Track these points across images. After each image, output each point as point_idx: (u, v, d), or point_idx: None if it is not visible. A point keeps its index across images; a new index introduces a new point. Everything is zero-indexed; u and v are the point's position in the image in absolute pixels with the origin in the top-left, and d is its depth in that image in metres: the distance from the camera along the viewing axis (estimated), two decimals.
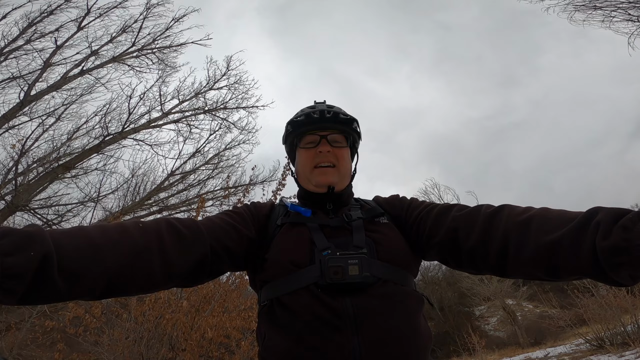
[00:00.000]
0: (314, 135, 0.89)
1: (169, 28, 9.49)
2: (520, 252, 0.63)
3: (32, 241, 0.48)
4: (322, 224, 0.81)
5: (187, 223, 0.71)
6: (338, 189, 0.88)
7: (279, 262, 0.75)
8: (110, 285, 0.56)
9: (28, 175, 7.44)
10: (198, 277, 0.72)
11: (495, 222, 0.68)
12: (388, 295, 0.70)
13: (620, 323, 8.42)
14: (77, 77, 8.52)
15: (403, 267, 0.76)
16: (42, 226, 0.55)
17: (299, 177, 0.94)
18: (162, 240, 0.64)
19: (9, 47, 7.69)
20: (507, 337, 19.23)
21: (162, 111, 9.47)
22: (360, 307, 0.67)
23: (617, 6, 8.03)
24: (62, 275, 0.50)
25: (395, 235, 0.81)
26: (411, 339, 0.68)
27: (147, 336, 3.51)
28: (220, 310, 3.88)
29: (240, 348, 4.32)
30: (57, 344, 3.61)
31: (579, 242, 0.56)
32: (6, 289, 0.45)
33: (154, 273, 0.62)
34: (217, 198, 9.28)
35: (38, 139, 8.00)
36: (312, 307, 0.68)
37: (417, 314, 0.72)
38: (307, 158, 0.89)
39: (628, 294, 8.67)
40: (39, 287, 0.48)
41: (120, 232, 0.60)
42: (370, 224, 0.82)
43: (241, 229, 0.78)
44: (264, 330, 0.74)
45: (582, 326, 10.08)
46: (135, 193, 9.05)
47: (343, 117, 0.90)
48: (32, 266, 0.47)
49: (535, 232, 0.62)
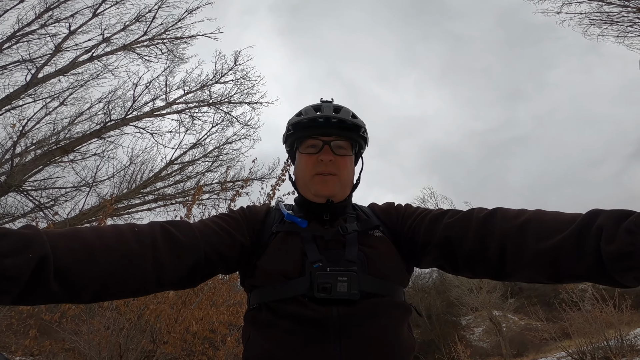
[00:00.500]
0: (317, 139, 0.83)
1: (182, 19, 9.43)
2: (519, 257, 0.62)
3: (30, 243, 0.48)
4: (316, 234, 0.79)
5: (182, 228, 0.70)
6: (337, 199, 0.84)
7: (269, 272, 0.76)
8: (102, 289, 0.57)
9: (25, 157, 7.34)
10: (191, 281, 0.73)
11: (489, 227, 0.68)
12: (374, 307, 0.70)
13: (603, 337, 8.53)
14: (86, 63, 8.46)
15: (392, 281, 0.76)
16: (38, 227, 0.54)
17: (297, 182, 0.89)
18: (156, 247, 0.64)
19: (23, 31, 7.65)
20: (491, 348, 19.37)
21: (167, 101, 9.41)
22: (346, 316, 0.68)
23: (633, 22, 8.19)
24: (58, 278, 0.51)
25: (388, 249, 0.80)
26: (394, 348, 0.69)
27: (128, 326, 3.36)
28: (208, 304, 3.76)
29: (225, 344, 4.19)
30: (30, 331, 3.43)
31: (581, 246, 0.55)
32: (2, 290, 0.46)
33: (147, 279, 0.62)
34: (214, 191, 9.23)
35: (40, 121, 7.91)
36: (298, 313, 0.69)
37: (401, 323, 0.73)
38: (307, 164, 0.84)
39: (615, 309, 8.79)
40: (35, 289, 0.49)
41: (115, 237, 0.60)
42: (364, 237, 0.80)
43: (235, 235, 0.78)
44: (249, 331, 0.75)
45: (565, 339, 10.19)
46: (131, 181, 8.94)
47: (350, 123, 0.83)
48: (30, 268, 0.47)
49: (533, 236, 0.61)
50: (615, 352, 8.17)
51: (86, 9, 8.32)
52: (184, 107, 9.70)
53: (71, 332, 3.71)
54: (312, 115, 0.83)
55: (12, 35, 7.48)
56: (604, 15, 8.49)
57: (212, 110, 9.93)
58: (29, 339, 3.45)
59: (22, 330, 4.31)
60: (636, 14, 8.11)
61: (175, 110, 9.60)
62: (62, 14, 8.12)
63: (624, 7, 8.25)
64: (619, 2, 8.30)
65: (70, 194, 8.01)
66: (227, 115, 9.99)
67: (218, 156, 9.91)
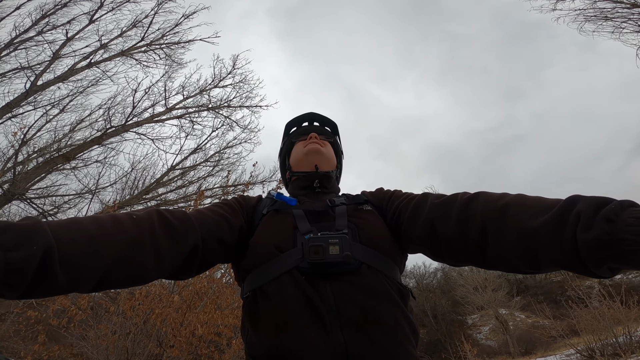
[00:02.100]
0: (305, 134, 1.06)
1: (179, 24, 9.47)
2: (500, 241, 0.61)
3: (34, 235, 0.48)
4: (306, 209, 0.83)
5: (178, 214, 0.70)
6: (322, 168, 0.97)
7: (261, 246, 0.75)
8: (104, 277, 0.56)
9: (28, 165, 7.38)
10: (189, 268, 0.71)
11: (472, 210, 0.67)
12: (371, 286, 0.68)
13: (612, 334, 8.44)
14: (85, 70, 8.50)
15: (386, 255, 0.74)
16: (39, 217, 0.52)
17: (293, 163, 1.03)
18: (154, 232, 0.63)
19: (20, 38, 7.71)
20: (498, 347, 19.22)
21: (166, 106, 9.45)
22: (341, 296, 0.66)
23: (628, 17, 8.14)
24: (63, 269, 0.50)
25: (378, 222, 0.81)
26: (397, 330, 0.66)
27: (135, 331, 3.39)
28: (213, 307, 3.78)
29: (230, 347, 4.20)
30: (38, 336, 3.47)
31: (559, 233, 0.53)
32: (9, 284, 0.45)
33: (147, 266, 0.61)
34: (216, 196, 9.25)
35: (41, 129, 7.95)
36: (294, 297, 0.66)
37: (401, 305, 0.69)
38: (300, 144, 1.03)
39: (622, 305, 8.71)
40: (41, 281, 0.48)
41: (114, 224, 0.59)
42: (353, 210, 0.83)
43: (231, 219, 0.79)
44: (247, 325, 0.73)
45: (573, 337, 10.10)
46: (133, 187, 8.99)
47: (326, 118, 1.10)
48: (35, 261, 0.47)
49: (513, 219, 0.60)
50: (624, 348, 8.08)
51: (82, 15, 8.36)
52: (183, 112, 9.74)
53: (79, 337, 3.74)
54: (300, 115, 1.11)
55: (10, 42, 7.52)
56: (598, 11, 8.44)
57: (212, 115, 9.97)
58: (38, 344, 3.49)
59: (30, 336, 4.36)
60: (630, 9, 8.05)
61: (175, 116, 9.63)
62: (58, 21, 8.16)
63: (618, 3, 8.20)
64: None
65: (73, 201, 8.06)
66: (227, 120, 10.02)
67: (219, 160, 9.93)
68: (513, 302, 18.68)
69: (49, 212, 7.46)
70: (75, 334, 3.73)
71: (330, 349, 0.61)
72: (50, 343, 4.02)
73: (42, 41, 7.96)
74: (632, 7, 8.03)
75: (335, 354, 0.61)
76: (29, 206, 7.19)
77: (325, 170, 0.99)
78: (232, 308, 4.08)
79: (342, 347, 0.61)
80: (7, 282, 0.45)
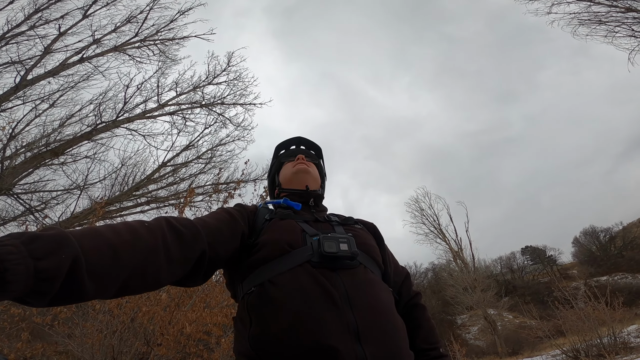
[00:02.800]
0: (294, 156, 1.15)
1: (174, 20, 9.36)
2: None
3: (62, 244, 0.50)
4: (307, 219, 0.92)
5: (184, 222, 0.74)
6: (312, 187, 1.06)
7: (273, 242, 0.81)
8: (124, 284, 0.59)
9: (15, 160, 7.22)
10: (197, 274, 0.75)
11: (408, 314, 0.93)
12: (370, 279, 0.80)
13: (597, 335, 8.63)
14: (76, 65, 8.36)
15: (376, 261, 0.88)
16: (61, 228, 0.56)
17: (283, 182, 1.11)
18: (166, 239, 0.66)
19: (12, 32, 7.55)
20: (486, 347, 19.51)
21: (159, 102, 9.33)
22: (350, 285, 0.75)
23: (621, 22, 8.28)
24: (90, 277, 0.52)
25: (369, 236, 0.95)
26: (395, 315, 0.78)
27: (121, 329, 3.34)
28: (202, 306, 3.74)
29: (220, 346, 4.17)
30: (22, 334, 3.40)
31: None
32: (39, 292, 0.47)
33: (161, 271, 0.64)
34: (207, 193, 9.16)
35: (29, 123, 7.81)
36: (309, 284, 0.73)
37: (393, 304, 0.82)
38: (289, 165, 1.12)
39: (607, 306, 8.91)
40: (69, 289, 0.50)
41: (130, 233, 0.62)
42: (347, 227, 0.94)
43: (233, 225, 0.84)
44: (252, 316, 0.75)
45: (559, 337, 10.30)
46: (123, 183, 8.84)
47: (312, 142, 1.21)
48: (64, 269, 0.49)
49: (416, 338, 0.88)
50: (608, 349, 8.27)
51: (76, 10, 8.26)
52: (176, 109, 9.64)
53: (64, 335, 3.67)
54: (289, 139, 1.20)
55: (2, 37, 7.39)
56: (593, 15, 8.60)
57: (205, 112, 9.90)
58: (21, 342, 3.41)
59: (14, 333, 4.26)
60: (624, 13, 8.19)
61: (167, 112, 9.53)
62: (51, 15, 8.05)
63: (612, 7, 8.35)
64: (607, 2, 8.40)
65: (61, 197, 7.93)
66: (220, 117, 9.97)
67: (211, 158, 9.86)
68: (502, 302, 18.98)
69: (35, 208, 7.31)
70: (60, 332, 3.66)
71: (344, 326, 0.68)
72: (35, 341, 3.94)
73: (34, 36, 7.84)
74: (627, 11, 8.18)
75: (349, 330, 0.68)
76: (15, 202, 7.04)
77: (313, 189, 1.07)
78: (222, 307, 4.05)
79: (353, 325, 0.69)
80: (37, 290, 0.47)
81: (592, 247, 34.23)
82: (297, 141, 1.20)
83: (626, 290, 19.00)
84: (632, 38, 8.17)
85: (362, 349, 0.67)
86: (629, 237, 32.62)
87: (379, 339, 0.70)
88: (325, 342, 0.66)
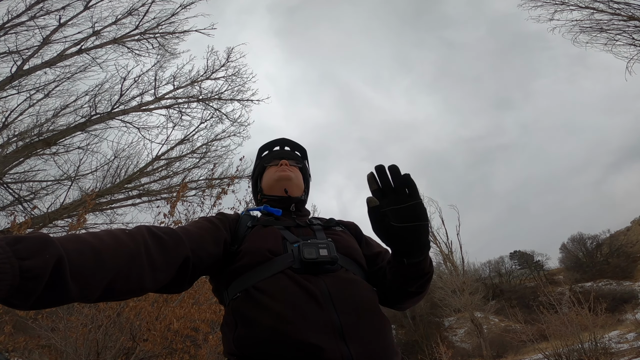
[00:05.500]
0: (277, 159, 1.14)
1: (175, 14, 9.25)
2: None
3: (46, 245, 0.50)
4: (288, 225, 0.94)
5: (165, 230, 0.75)
6: (293, 194, 1.06)
7: (256, 250, 0.83)
8: (108, 287, 0.59)
9: (7, 149, 7.08)
10: (182, 280, 0.75)
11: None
12: (352, 279, 0.81)
13: (578, 340, 8.82)
14: (74, 55, 8.24)
15: (358, 264, 0.89)
16: (45, 233, 0.56)
17: (264, 187, 1.11)
18: (147, 245, 0.67)
19: (12, 23, 7.41)
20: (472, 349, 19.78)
21: (155, 96, 9.21)
22: (332, 286, 0.76)
23: (622, 30, 8.34)
24: (73, 278, 0.53)
25: (350, 238, 0.96)
26: (380, 314, 0.79)
27: (106, 323, 3.30)
28: (190, 302, 3.72)
29: (207, 342, 4.16)
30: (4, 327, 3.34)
31: None
32: (24, 291, 0.47)
33: (145, 277, 0.65)
34: (200, 188, 9.09)
35: (23, 113, 7.65)
36: (292, 287, 0.75)
37: (377, 301, 0.84)
38: (272, 170, 1.11)
39: (590, 312, 9.10)
40: (53, 290, 0.51)
41: (112, 238, 0.63)
42: (328, 230, 0.96)
43: (215, 232, 0.85)
44: (237, 320, 0.76)
45: (542, 341, 10.49)
46: (115, 175, 8.70)
47: (296, 144, 1.20)
48: (49, 268, 0.49)
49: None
50: (589, 354, 8.46)
51: (78, 1, 8.14)
52: (172, 103, 9.53)
53: (47, 328, 3.62)
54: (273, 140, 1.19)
55: (1, 26, 7.26)
56: (594, 22, 8.66)
57: (202, 107, 9.80)
58: (4, 335, 3.35)
59: None
60: (627, 22, 8.24)
61: (163, 106, 9.43)
62: (53, 6, 7.92)
63: (615, 15, 8.42)
64: (610, 10, 8.48)
65: (51, 187, 7.81)
66: (217, 112, 9.88)
67: (206, 152, 9.76)
68: (488, 305, 19.24)
69: (24, 198, 7.16)
70: (44, 325, 3.60)
71: (328, 325, 0.70)
72: (18, 334, 3.88)
73: (34, 26, 7.71)
74: (629, 20, 8.25)
75: (333, 329, 0.69)
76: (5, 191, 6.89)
77: (295, 195, 1.07)
78: (210, 303, 4.03)
79: (337, 324, 0.70)
80: (22, 289, 0.47)
81: (579, 254, 34.94)
82: (281, 142, 1.19)
83: (610, 296, 19.43)
84: (631, 46, 8.26)
85: (347, 347, 0.68)
86: (615, 244, 33.39)
87: (363, 337, 0.71)
88: (309, 340, 0.67)
